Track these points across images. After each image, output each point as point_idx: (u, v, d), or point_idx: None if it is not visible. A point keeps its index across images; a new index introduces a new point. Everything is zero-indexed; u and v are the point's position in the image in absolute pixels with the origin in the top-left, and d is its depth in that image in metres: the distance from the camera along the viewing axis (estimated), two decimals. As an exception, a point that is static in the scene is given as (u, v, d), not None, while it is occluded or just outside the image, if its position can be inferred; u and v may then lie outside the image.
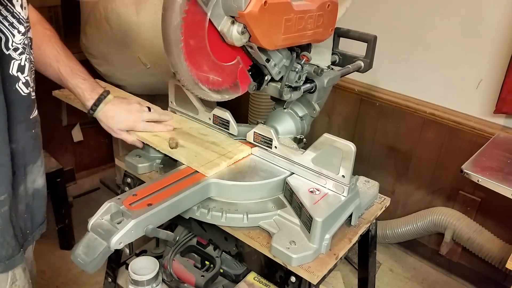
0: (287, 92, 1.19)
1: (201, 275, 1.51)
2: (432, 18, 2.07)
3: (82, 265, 0.93)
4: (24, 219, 0.95)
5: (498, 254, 2.00)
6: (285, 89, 1.18)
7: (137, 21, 1.94)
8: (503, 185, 1.40)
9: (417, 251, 2.45)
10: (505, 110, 1.88)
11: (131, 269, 1.21)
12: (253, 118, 2.46)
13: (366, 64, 1.40)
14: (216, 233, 1.18)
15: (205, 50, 1.03)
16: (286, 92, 1.19)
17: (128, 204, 0.99)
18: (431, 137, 2.20)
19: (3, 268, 0.88)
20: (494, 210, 2.08)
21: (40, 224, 1.02)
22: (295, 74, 1.18)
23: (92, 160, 2.86)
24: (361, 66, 1.40)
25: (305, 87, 1.23)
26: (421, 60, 2.16)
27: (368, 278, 1.49)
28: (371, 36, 1.36)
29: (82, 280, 2.13)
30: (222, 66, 1.10)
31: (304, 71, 1.20)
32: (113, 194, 2.67)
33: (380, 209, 1.29)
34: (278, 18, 1.02)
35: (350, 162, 1.07)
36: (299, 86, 1.20)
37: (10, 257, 0.89)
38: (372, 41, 1.37)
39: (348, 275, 2.29)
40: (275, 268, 1.08)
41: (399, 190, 2.40)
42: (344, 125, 2.54)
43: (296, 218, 1.11)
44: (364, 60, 1.39)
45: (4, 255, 0.88)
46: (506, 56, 1.86)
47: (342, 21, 1.50)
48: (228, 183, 1.15)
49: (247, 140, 1.30)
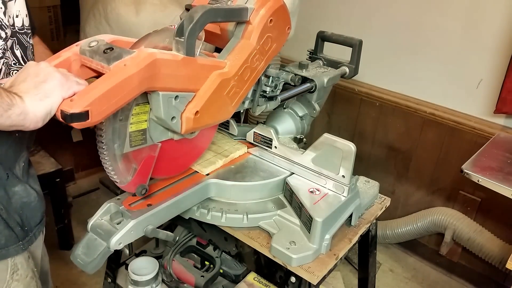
0: (261, 103, 1.13)
1: (201, 275, 1.51)
2: (433, 18, 2.06)
3: (81, 265, 0.93)
4: (20, 215, 0.96)
5: (498, 254, 2.00)
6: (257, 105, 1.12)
7: (136, 21, 1.94)
8: (503, 185, 1.40)
9: (417, 251, 2.45)
10: (505, 110, 1.87)
11: (131, 269, 1.21)
12: (253, 118, 2.45)
13: (351, 69, 1.34)
14: (216, 234, 1.17)
15: None
16: (261, 103, 1.13)
17: (127, 205, 0.99)
18: (431, 137, 2.20)
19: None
20: (494, 210, 2.08)
21: (38, 223, 1.03)
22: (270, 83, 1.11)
23: (91, 160, 2.85)
24: (346, 72, 1.35)
25: (304, 87, 1.23)
26: (421, 60, 2.16)
27: (368, 278, 1.49)
28: (356, 41, 1.31)
29: (82, 280, 2.13)
30: None
31: (281, 79, 1.14)
32: (113, 194, 2.66)
33: (380, 209, 1.29)
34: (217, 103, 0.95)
35: (350, 162, 1.07)
36: (275, 96, 1.14)
37: (4, 246, 0.91)
38: (357, 45, 1.31)
39: (348, 275, 2.28)
40: (275, 268, 1.08)
41: (399, 190, 2.40)
42: (344, 125, 2.53)
43: (296, 218, 1.11)
44: (349, 65, 1.34)
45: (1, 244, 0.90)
46: (506, 56, 1.86)
47: (340, 22, 1.48)
48: (228, 183, 1.15)
49: (247, 140, 1.30)
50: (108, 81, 0.75)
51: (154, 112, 0.90)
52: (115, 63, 0.78)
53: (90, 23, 2.07)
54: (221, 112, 0.98)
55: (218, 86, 0.92)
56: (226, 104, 0.98)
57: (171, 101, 0.87)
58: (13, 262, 0.93)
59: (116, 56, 0.80)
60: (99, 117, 0.74)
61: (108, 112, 0.76)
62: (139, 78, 0.78)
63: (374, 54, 2.15)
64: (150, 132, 0.95)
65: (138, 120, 0.92)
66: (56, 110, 0.74)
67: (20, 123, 0.71)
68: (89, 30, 2.09)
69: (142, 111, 0.91)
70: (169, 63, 0.83)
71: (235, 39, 0.99)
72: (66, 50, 0.87)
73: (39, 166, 2.12)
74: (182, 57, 0.85)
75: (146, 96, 0.89)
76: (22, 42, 0.96)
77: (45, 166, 2.12)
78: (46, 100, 0.72)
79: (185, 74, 0.87)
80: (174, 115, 0.89)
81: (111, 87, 0.74)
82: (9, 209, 0.93)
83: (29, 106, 0.71)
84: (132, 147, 0.93)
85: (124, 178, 0.95)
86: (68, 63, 0.86)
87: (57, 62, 0.85)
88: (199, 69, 0.89)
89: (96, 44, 0.84)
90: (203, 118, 0.93)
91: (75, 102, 0.72)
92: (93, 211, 0.98)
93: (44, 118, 0.73)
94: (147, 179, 0.99)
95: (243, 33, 0.98)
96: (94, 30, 2.07)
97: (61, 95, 0.74)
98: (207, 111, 0.93)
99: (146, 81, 0.80)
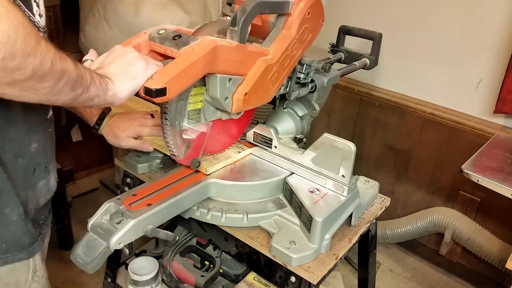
0: (295, 89, 1.20)
1: (201, 275, 1.51)
2: (432, 17, 2.07)
3: (81, 265, 0.93)
4: (43, 210, 0.99)
5: (498, 254, 2.00)
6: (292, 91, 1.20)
7: (136, 20, 1.94)
8: (503, 185, 1.40)
9: (417, 251, 2.45)
10: (505, 110, 1.88)
11: (131, 269, 1.20)
12: (252, 117, 2.45)
13: (372, 61, 1.42)
14: (216, 233, 1.17)
15: None
16: (295, 89, 1.20)
17: (127, 204, 0.99)
18: (431, 137, 2.20)
19: (26, 255, 0.92)
20: (494, 210, 2.08)
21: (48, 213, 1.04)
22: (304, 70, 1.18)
23: (91, 160, 2.86)
24: (366, 63, 1.42)
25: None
26: (421, 60, 2.16)
27: (368, 278, 1.49)
28: (376, 34, 1.40)
29: (81, 280, 2.13)
30: None
31: (312, 67, 1.19)
32: (112, 194, 2.67)
33: (380, 209, 1.29)
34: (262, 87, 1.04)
35: (350, 162, 1.07)
36: (307, 83, 1.22)
37: (30, 245, 0.93)
38: (378, 38, 1.40)
39: (348, 275, 2.28)
40: (275, 268, 1.08)
41: (399, 190, 2.40)
42: (344, 125, 2.54)
43: (296, 218, 1.11)
44: (369, 57, 1.42)
45: (27, 243, 0.92)
46: (506, 55, 1.86)
47: (340, 22, 1.50)
48: (228, 183, 1.15)
49: (247, 140, 1.31)
50: (181, 63, 0.86)
51: (211, 92, 0.99)
52: (184, 48, 0.89)
53: (89, 22, 2.07)
54: (265, 94, 1.08)
55: (264, 71, 1.02)
56: (269, 88, 1.07)
57: (225, 83, 0.97)
58: (33, 263, 0.94)
59: (184, 42, 0.90)
60: (173, 93, 0.86)
61: (181, 90, 0.88)
62: (204, 61, 0.89)
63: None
64: (204, 112, 1.08)
65: (195, 101, 1.04)
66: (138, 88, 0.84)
67: (111, 102, 0.82)
68: (89, 29, 2.09)
69: (198, 92, 1.04)
70: (226, 49, 0.93)
71: (276, 29, 1.08)
72: (136, 37, 0.98)
73: (38, 166, 2.11)
74: (236, 44, 0.95)
75: (202, 79, 0.98)
76: None
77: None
78: (132, 81, 0.83)
79: (238, 59, 0.97)
80: (227, 96, 0.99)
81: (183, 68, 0.85)
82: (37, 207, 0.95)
83: (118, 88, 0.81)
84: (189, 124, 1.06)
85: (181, 152, 1.07)
86: (138, 48, 0.95)
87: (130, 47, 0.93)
88: (249, 55, 0.99)
89: (165, 32, 0.95)
90: (251, 99, 1.02)
91: (155, 80, 0.84)
92: (92, 211, 0.98)
93: (129, 96, 0.84)
94: (200, 153, 1.12)
95: (284, 24, 1.08)
96: (93, 30, 2.07)
97: (146, 76, 0.84)
98: (254, 93, 1.02)
99: (209, 64, 0.90)
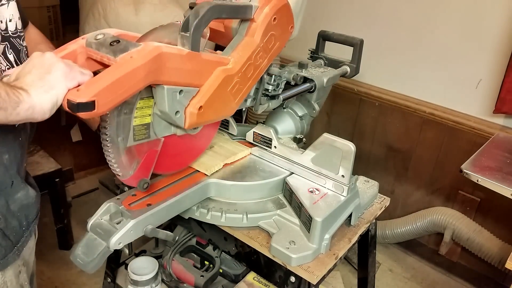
0: (264, 102, 1.13)
1: (201, 275, 1.51)
2: (432, 18, 2.06)
3: (81, 265, 0.93)
4: (17, 217, 0.95)
5: (497, 254, 2.00)
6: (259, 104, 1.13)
7: (136, 20, 1.94)
8: (503, 185, 1.40)
9: (417, 251, 2.45)
10: (504, 110, 1.88)
11: (131, 269, 1.20)
12: (252, 118, 2.45)
13: (352, 69, 1.34)
14: (216, 233, 1.17)
15: None
16: (263, 102, 1.13)
17: (127, 204, 0.99)
18: (430, 137, 2.20)
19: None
20: (493, 210, 2.08)
21: (34, 219, 1.02)
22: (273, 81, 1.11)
23: (91, 160, 2.86)
24: (347, 72, 1.35)
25: (304, 87, 1.23)
26: (420, 60, 2.16)
27: (367, 278, 1.49)
28: (357, 40, 1.31)
29: (81, 280, 2.13)
30: None
31: (282, 78, 1.14)
32: (112, 194, 2.66)
33: (380, 209, 1.29)
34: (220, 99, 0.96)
35: (349, 162, 1.07)
36: (277, 94, 1.14)
37: (3, 256, 0.90)
38: (359, 45, 1.31)
39: (347, 275, 2.28)
40: (274, 268, 1.08)
41: (398, 190, 2.40)
42: (344, 125, 2.54)
43: (295, 218, 1.11)
44: (350, 65, 1.34)
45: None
46: (506, 55, 1.86)
47: (340, 22, 1.48)
48: (227, 183, 1.15)
49: (247, 140, 1.30)
50: (115, 72, 0.75)
51: (159, 106, 0.90)
52: (121, 55, 0.79)
53: (89, 22, 2.07)
54: (224, 108, 0.99)
55: (222, 82, 0.93)
56: (229, 101, 0.99)
57: (175, 95, 0.88)
58: (3, 280, 0.91)
59: (123, 48, 0.80)
60: (105, 107, 0.74)
61: (114, 103, 0.76)
62: (145, 70, 0.78)
63: (374, 54, 2.16)
64: (154, 127, 0.96)
65: (142, 114, 0.92)
66: (62, 100, 0.73)
67: (29, 117, 0.72)
68: (89, 29, 2.09)
69: (146, 105, 0.92)
70: (174, 57, 0.83)
71: (239, 36, 1.00)
72: (72, 43, 0.88)
73: (38, 166, 2.12)
74: (187, 51, 0.86)
75: (150, 90, 0.89)
76: (15, 45, 0.95)
77: (44, 166, 2.12)
78: (51, 91, 0.72)
79: (190, 68, 0.87)
80: (178, 110, 0.90)
81: (117, 78, 0.74)
82: (8, 216, 0.92)
83: (35, 100, 0.71)
84: (135, 141, 0.93)
85: (127, 172, 0.95)
86: (74, 55, 0.86)
87: (63, 54, 0.86)
88: (203, 64, 0.90)
89: (103, 37, 0.85)
90: (207, 113, 0.93)
91: (81, 92, 0.72)
92: (92, 211, 0.98)
93: (51, 109, 0.73)
94: (149, 173, 0.99)
95: (247, 31, 0.99)
96: (93, 30, 2.04)
97: (66, 85, 0.73)
98: (211, 107, 0.94)
99: (152, 74, 0.80)
